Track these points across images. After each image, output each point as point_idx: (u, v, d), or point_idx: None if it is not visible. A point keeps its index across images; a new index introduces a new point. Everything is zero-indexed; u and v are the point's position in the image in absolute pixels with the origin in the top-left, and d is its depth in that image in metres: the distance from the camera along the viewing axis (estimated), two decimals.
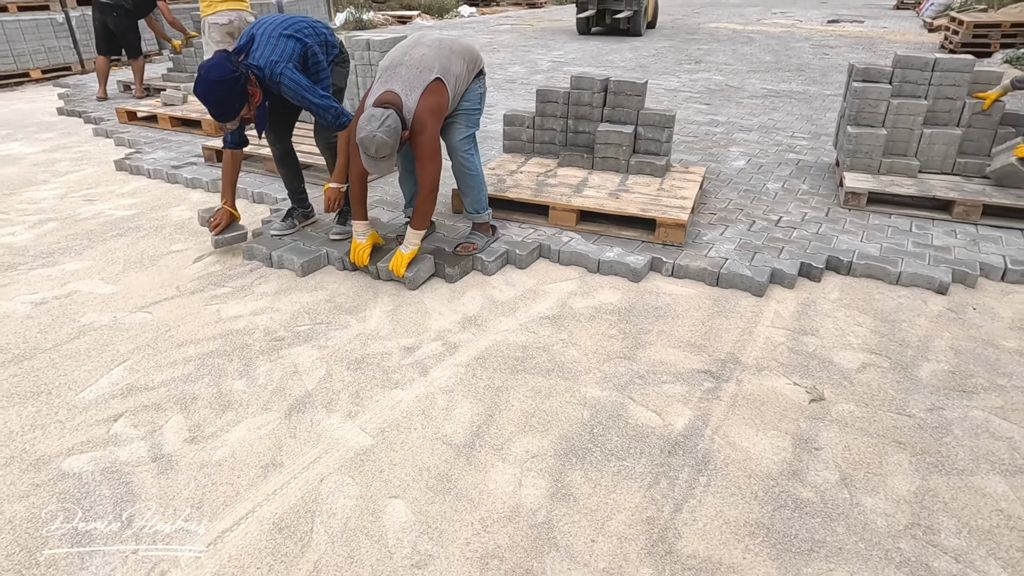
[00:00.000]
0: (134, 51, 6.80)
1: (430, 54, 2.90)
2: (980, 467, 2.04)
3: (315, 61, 3.08)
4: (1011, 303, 3.00)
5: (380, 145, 2.63)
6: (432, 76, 2.83)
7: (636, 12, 12.25)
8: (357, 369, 2.49)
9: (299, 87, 2.90)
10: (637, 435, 2.16)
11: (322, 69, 3.12)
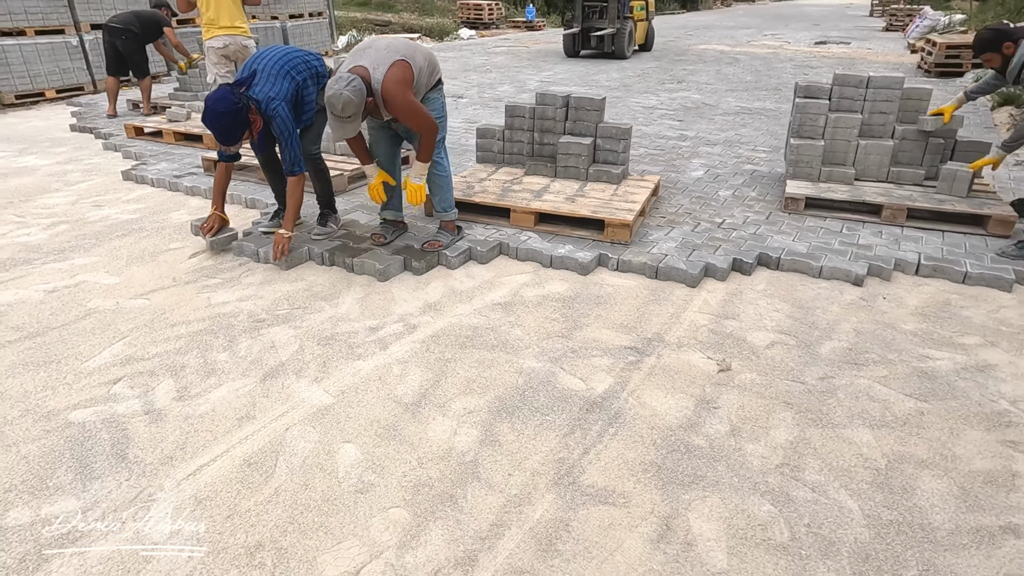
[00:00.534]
0: (141, 72, 7.27)
1: (396, 44, 3.30)
2: (853, 422, 2.38)
3: (306, 94, 3.50)
4: (919, 293, 3.34)
5: (346, 103, 2.99)
6: (398, 56, 3.20)
7: (619, 31, 12.40)
8: (326, 344, 2.85)
9: (284, 126, 3.31)
10: (561, 397, 2.51)
11: (309, 100, 3.54)
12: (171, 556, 1.80)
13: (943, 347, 2.86)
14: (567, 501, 2.01)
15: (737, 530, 1.91)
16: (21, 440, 2.25)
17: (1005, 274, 3.37)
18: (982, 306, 3.20)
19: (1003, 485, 2.08)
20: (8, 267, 3.61)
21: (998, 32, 3.71)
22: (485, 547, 1.85)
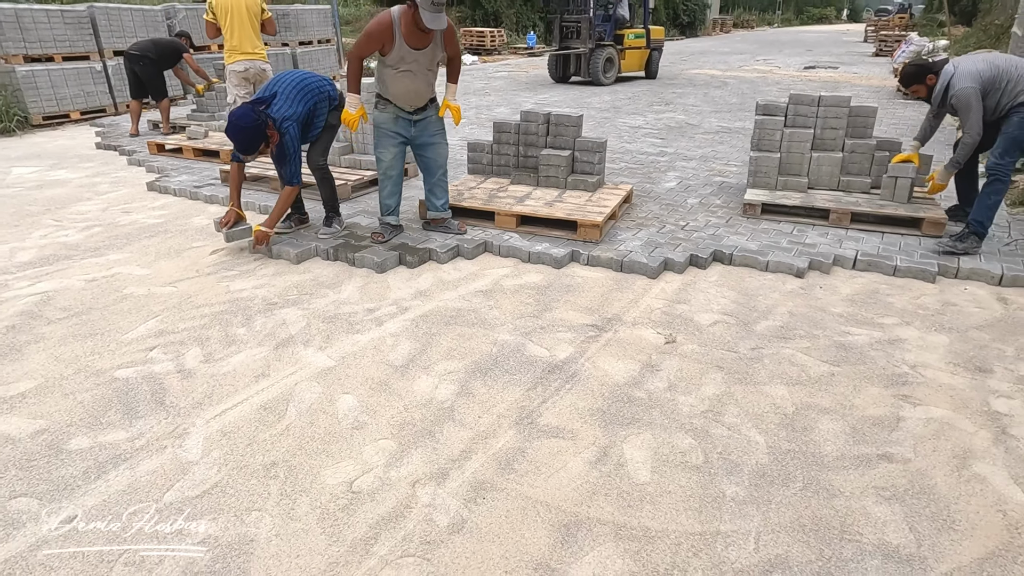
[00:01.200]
0: (159, 94, 7.86)
1: None
2: (772, 381, 2.82)
3: (317, 115, 4.07)
4: (852, 284, 3.79)
5: None
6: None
7: (593, 54, 12.47)
8: (329, 322, 3.32)
9: (292, 144, 3.86)
10: (528, 362, 2.96)
11: (318, 120, 4.12)
12: (203, 471, 2.25)
13: (863, 326, 3.30)
14: (525, 435, 2.46)
15: (661, 456, 2.35)
16: (76, 391, 2.71)
17: (929, 267, 3.82)
18: (906, 294, 3.65)
19: (887, 427, 2.52)
20: (51, 262, 4.11)
21: (921, 67, 4.18)
22: (455, 466, 2.29)
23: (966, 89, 3.85)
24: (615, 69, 13.17)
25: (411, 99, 3.98)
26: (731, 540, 1.98)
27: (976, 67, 3.91)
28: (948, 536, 2.00)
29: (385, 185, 4.18)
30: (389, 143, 4.08)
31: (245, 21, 6.33)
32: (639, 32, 13.51)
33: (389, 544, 1.96)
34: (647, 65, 13.94)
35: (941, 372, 2.88)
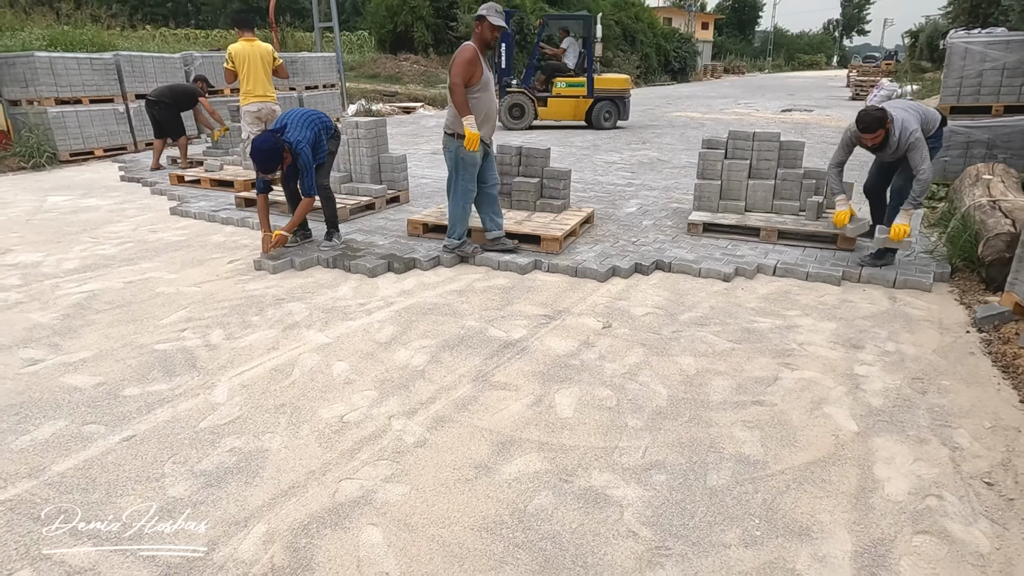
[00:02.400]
0: (177, 133, 8.75)
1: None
2: (683, 354, 3.51)
3: (319, 141, 4.83)
4: (769, 286, 4.50)
5: None
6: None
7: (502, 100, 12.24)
8: (328, 312, 4.02)
9: (307, 161, 4.63)
10: (488, 340, 3.66)
11: (322, 146, 4.90)
12: (228, 409, 2.93)
13: (769, 316, 4.00)
14: (479, 388, 3.14)
15: (584, 401, 3.03)
16: (125, 358, 3.41)
17: (835, 272, 4.54)
18: (812, 294, 4.36)
19: (766, 383, 3.20)
20: (93, 269, 4.83)
21: (883, 114, 4.35)
22: (423, 407, 2.97)
23: (918, 132, 4.34)
24: (527, 117, 13.07)
25: (493, 122, 4.64)
26: (625, 451, 2.65)
27: (909, 114, 4.45)
28: (789, 450, 2.67)
29: (468, 211, 4.80)
30: (473, 173, 4.66)
31: (259, 68, 7.18)
32: (574, 81, 12.93)
33: (368, 453, 2.63)
34: (589, 114, 13.16)
35: (822, 348, 3.57)
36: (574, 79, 12.90)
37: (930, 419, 2.88)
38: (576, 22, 13.62)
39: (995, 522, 2.25)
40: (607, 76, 13.47)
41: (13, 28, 14.48)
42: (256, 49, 7.13)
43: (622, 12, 35.71)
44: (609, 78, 13.35)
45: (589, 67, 12.92)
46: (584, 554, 2.11)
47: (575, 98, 12.93)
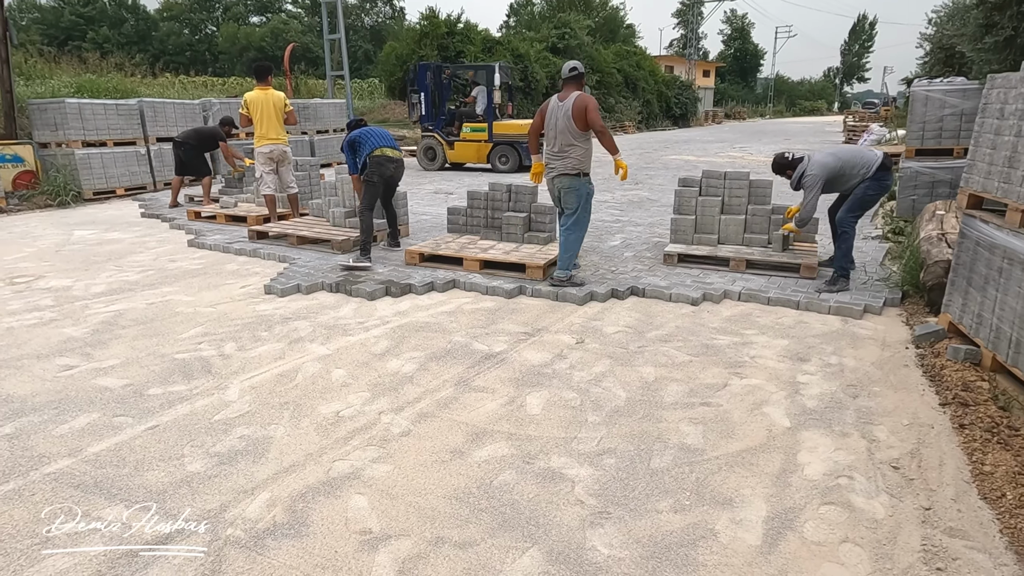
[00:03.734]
0: (201, 173, 9.35)
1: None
2: (645, 365, 3.92)
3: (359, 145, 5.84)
4: (733, 309, 4.92)
5: None
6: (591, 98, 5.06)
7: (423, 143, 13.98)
8: (329, 329, 4.47)
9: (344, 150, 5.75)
10: (471, 353, 4.08)
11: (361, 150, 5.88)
12: (239, 406, 3.36)
13: (728, 334, 4.41)
14: (460, 391, 3.56)
15: (551, 402, 3.44)
16: (150, 364, 3.85)
17: (794, 297, 4.96)
18: (771, 316, 4.77)
19: (715, 389, 3.60)
20: (119, 292, 5.32)
21: (782, 161, 5.47)
22: (409, 405, 3.39)
23: (812, 177, 5.11)
24: (438, 159, 14.10)
25: None
26: (582, 441, 3.05)
27: (825, 160, 5.14)
28: (726, 440, 3.06)
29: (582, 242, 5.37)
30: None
31: (272, 114, 7.75)
32: (477, 126, 13.75)
33: (359, 440, 3.04)
34: (490, 157, 13.85)
35: (771, 361, 3.98)
36: (478, 124, 13.74)
37: (856, 418, 3.27)
38: (481, 72, 14.46)
39: (893, 496, 2.63)
40: (508, 122, 13.97)
41: (43, 76, 15.39)
42: (270, 97, 7.72)
43: (624, 61, 36.97)
44: (509, 124, 13.92)
45: (489, 113, 13.63)
46: (537, 516, 2.50)
47: (478, 142, 13.79)
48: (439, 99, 13.99)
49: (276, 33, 45.06)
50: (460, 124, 14.03)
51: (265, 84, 7.76)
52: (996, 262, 3.66)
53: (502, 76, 13.71)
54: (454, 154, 14.03)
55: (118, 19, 44.52)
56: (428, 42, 28.31)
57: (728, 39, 76.31)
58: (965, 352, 3.79)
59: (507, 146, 13.67)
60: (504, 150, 13.71)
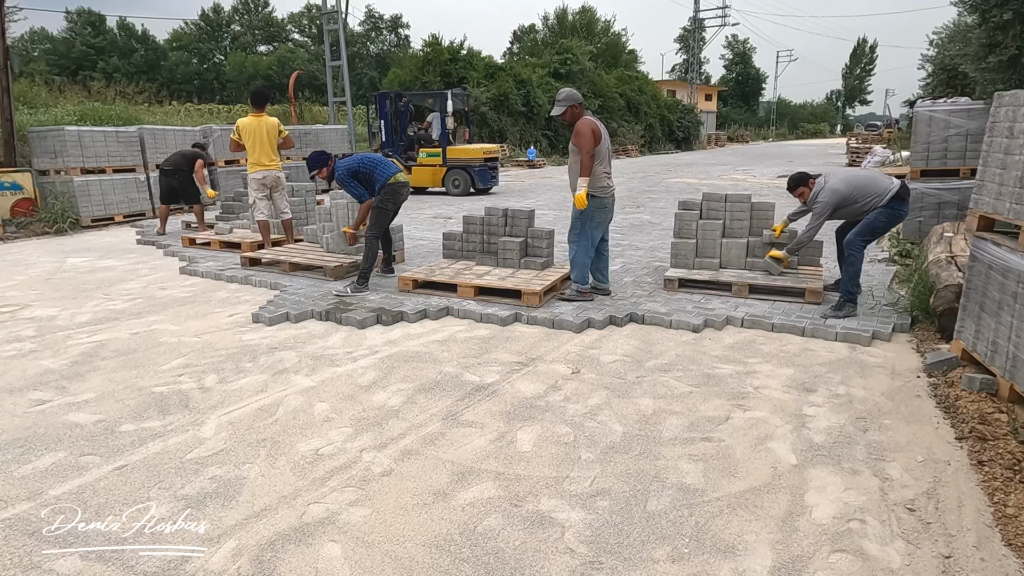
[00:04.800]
0: (194, 199, 9.28)
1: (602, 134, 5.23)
2: (644, 396, 3.74)
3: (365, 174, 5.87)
4: (736, 336, 4.74)
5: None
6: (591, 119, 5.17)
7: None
8: (316, 359, 4.31)
9: (341, 180, 5.79)
10: (462, 384, 3.91)
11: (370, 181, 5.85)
12: (214, 443, 3.19)
13: (730, 363, 4.23)
14: (447, 425, 3.38)
15: (543, 437, 3.26)
16: (125, 398, 3.69)
17: (799, 323, 4.78)
18: (775, 343, 4.59)
19: (717, 422, 3.41)
20: (104, 322, 5.18)
21: (802, 176, 5.32)
22: (393, 442, 3.21)
23: (822, 204, 4.99)
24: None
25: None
26: (574, 480, 2.87)
27: (837, 187, 4.98)
28: (728, 480, 2.87)
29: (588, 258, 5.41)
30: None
31: (264, 140, 7.65)
32: (433, 151, 14.20)
33: (337, 480, 2.86)
34: (444, 180, 14.24)
35: (775, 391, 3.79)
36: (433, 149, 14.19)
37: (866, 453, 3.07)
38: (435, 99, 14.85)
39: (910, 542, 2.43)
40: (460, 147, 14.33)
41: (47, 104, 15.48)
42: (263, 123, 7.64)
43: (626, 85, 37.19)
44: (462, 149, 14.23)
45: (443, 139, 14.02)
46: (523, 567, 2.31)
47: (433, 166, 14.17)
48: (399, 125, 14.50)
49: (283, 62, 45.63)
50: (418, 149, 14.47)
51: (260, 111, 7.70)
52: (1010, 286, 3.48)
53: (456, 103, 14.11)
54: (412, 178, 14.21)
55: (128, 49, 45.25)
56: (431, 68, 28.56)
57: (730, 63, 76.92)
58: (981, 382, 3.60)
59: (460, 170, 14.02)
60: (457, 174, 14.07)
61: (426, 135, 14.70)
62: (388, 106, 14.31)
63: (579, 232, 5.24)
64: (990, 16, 6.23)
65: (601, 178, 5.18)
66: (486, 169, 14.14)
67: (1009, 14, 5.96)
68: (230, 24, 52.81)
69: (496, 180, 14.73)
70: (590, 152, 5.03)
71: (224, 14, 52.36)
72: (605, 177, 5.22)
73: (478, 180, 14.03)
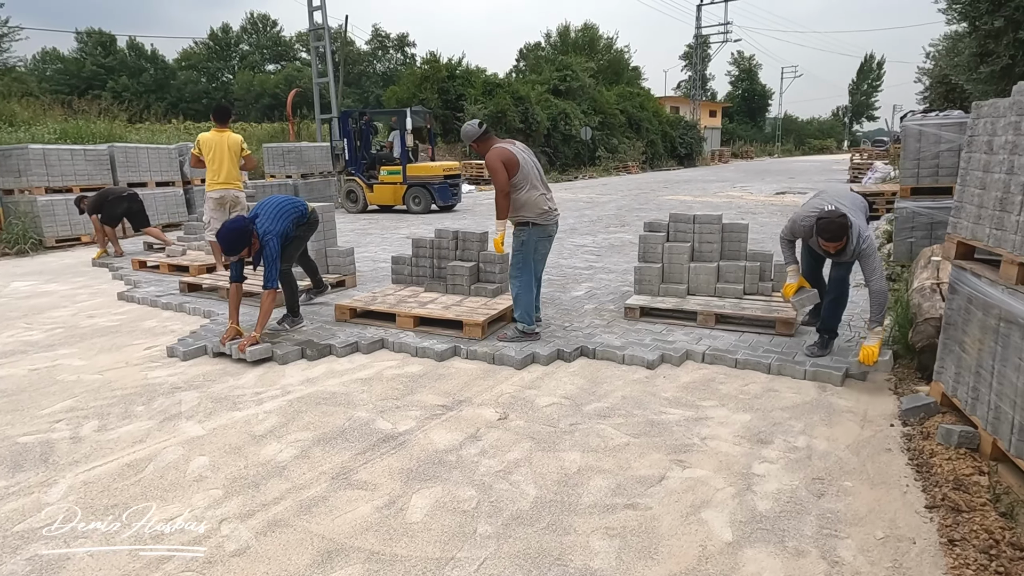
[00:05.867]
0: (145, 223, 9.05)
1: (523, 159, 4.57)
2: (572, 449, 3.26)
3: (289, 232, 4.80)
4: (694, 374, 4.26)
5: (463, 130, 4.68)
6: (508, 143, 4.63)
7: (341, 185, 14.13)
8: (218, 402, 3.86)
9: (271, 253, 4.54)
10: (370, 433, 3.45)
11: (291, 236, 4.85)
12: (54, 510, 2.73)
13: (681, 407, 3.75)
14: (335, 487, 2.91)
15: (441, 503, 2.78)
16: None
17: (765, 359, 4.29)
18: (736, 382, 4.10)
19: (649, 484, 2.93)
20: (8, 356, 4.77)
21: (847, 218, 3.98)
22: (263, 509, 2.75)
23: (871, 238, 4.04)
24: (360, 202, 14.47)
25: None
26: (460, 564, 2.39)
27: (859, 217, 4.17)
28: (645, 563, 2.39)
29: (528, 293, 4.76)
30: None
31: (226, 157, 7.30)
32: (393, 169, 14.11)
33: (177, 563, 2.40)
34: (405, 198, 14.12)
35: (725, 443, 3.30)
36: (394, 167, 14.07)
37: (817, 527, 2.58)
38: (396, 116, 14.78)
39: None
40: (420, 165, 14.20)
41: (29, 123, 15.27)
42: (225, 139, 7.29)
43: (627, 102, 36.92)
44: (422, 166, 14.11)
45: (403, 156, 13.92)
46: None
47: (394, 184, 14.07)
48: (362, 144, 14.48)
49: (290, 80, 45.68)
50: (379, 168, 14.43)
51: (223, 127, 7.36)
52: (991, 323, 3.00)
53: (415, 120, 14.08)
54: (373, 196, 14.37)
55: (138, 69, 45.52)
56: (429, 85, 28.41)
57: (736, 80, 76.66)
58: (960, 435, 3.10)
59: (420, 187, 13.92)
60: (417, 191, 13.99)
61: (387, 153, 14.63)
62: (351, 124, 14.32)
63: (521, 267, 4.71)
64: (981, 23, 5.78)
65: (540, 203, 4.62)
66: (446, 186, 14.03)
67: (1001, 21, 5.50)
68: (239, 43, 53.11)
69: (458, 197, 14.63)
70: (503, 190, 4.46)
71: (233, 34, 52.67)
72: (545, 201, 4.65)
73: (438, 197, 13.91)
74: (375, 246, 9.56)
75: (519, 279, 4.70)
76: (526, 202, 4.57)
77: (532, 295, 4.77)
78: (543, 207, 4.60)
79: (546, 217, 4.63)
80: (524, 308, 4.72)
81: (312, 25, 17.61)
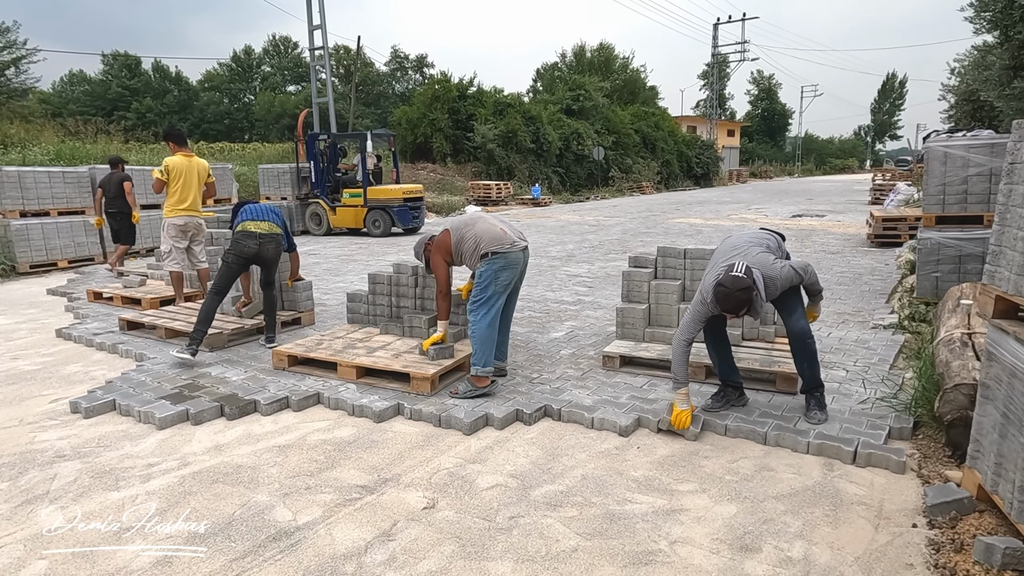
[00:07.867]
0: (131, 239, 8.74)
1: (457, 221, 4.29)
2: (504, 556, 2.58)
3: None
4: (674, 444, 3.56)
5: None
6: (448, 227, 4.27)
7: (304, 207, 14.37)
8: (99, 478, 3.24)
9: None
10: (261, 527, 2.80)
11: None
12: None
13: (652, 492, 3.05)
14: None
15: None
16: None
17: (759, 427, 3.58)
18: (725, 456, 3.40)
19: None
20: None
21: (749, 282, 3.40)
22: None
23: (786, 268, 3.57)
24: (324, 225, 14.39)
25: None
26: None
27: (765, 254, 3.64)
28: None
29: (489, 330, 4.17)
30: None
31: (194, 183, 6.77)
32: (355, 192, 13.99)
33: None
34: (365, 221, 13.97)
35: (699, 550, 2.60)
36: (356, 190, 14.03)
37: None
38: (357, 139, 14.91)
39: None
40: (381, 187, 14.04)
41: (24, 144, 15.04)
42: (194, 164, 6.79)
43: (642, 121, 36.37)
44: (382, 189, 13.96)
45: (364, 179, 13.87)
46: None
47: (355, 207, 14.01)
48: (328, 166, 14.38)
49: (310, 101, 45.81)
50: (325, 189, 14.38)
51: (187, 151, 6.87)
52: None
53: (376, 143, 14.14)
54: (336, 219, 14.28)
55: (162, 90, 46.06)
56: (439, 105, 28.09)
57: (755, 99, 75.90)
58: (1005, 553, 2.37)
59: (380, 210, 13.83)
60: (377, 214, 13.89)
61: (351, 176, 14.51)
62: (317, 147, 14.22)
63: (479, 298, 4.10)
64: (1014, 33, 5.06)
65: (499, 236, 4.11)
66: (406, 209, 13.87)
67: None
68: (260, 65, 53.57)
69: (421, 220, 14.35)
70: (443, 291, 4.32)
71: (255, 56, 53.18)
72: (505, 233, 4.15)
73: (398, 220, 13.79)
74: (354, 275, 8.98)
75: (476, 312, 4.10)
76: (479, 236, 4.04)
77: (494, 333, 4.12)
78: (496, 233, 4.13)
79: (501, 243, 4.09)
80: (483, 348, 4.06)
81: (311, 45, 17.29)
